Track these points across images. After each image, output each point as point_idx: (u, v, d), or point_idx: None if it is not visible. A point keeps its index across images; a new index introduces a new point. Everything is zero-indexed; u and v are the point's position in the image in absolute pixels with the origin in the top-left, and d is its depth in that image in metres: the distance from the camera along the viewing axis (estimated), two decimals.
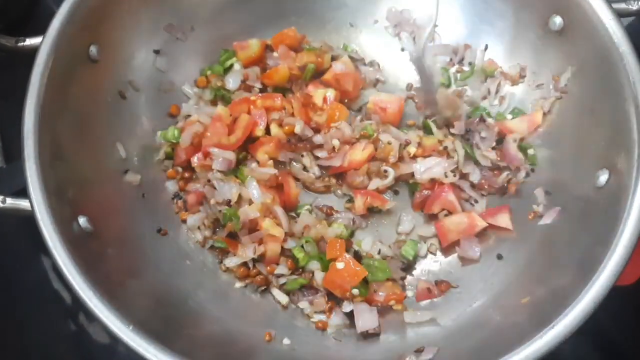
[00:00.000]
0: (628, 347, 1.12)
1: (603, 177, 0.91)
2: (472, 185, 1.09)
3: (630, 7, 0.99)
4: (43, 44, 0.94)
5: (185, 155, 1.10)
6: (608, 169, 0.91)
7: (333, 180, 1.12)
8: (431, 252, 1.08)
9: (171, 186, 1.12)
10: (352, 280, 0.97)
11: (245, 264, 1.05)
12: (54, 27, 0.95)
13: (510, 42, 1.14)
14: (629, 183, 0.85)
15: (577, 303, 0.79)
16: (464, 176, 1.09)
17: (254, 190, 1.04)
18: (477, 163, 1.09)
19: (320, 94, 1.14)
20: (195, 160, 1.08)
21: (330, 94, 1.14)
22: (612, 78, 0.92)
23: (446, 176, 1.07)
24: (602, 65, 0.94)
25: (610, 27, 0.92)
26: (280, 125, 1.11)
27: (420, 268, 1.07)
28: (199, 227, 1.08)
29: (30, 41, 1.00)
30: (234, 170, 1.09)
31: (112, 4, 1.04)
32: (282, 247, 1.03)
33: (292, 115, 1.13)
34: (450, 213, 1.07)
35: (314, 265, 1.02)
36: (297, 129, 1.10)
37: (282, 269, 1.03)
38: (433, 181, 1.08)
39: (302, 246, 1.03)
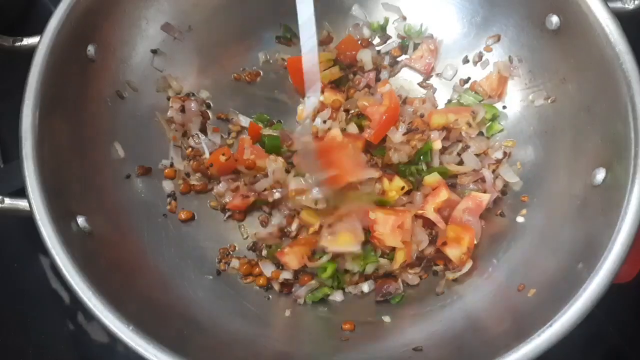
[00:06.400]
0: (626, 345, 1.13)
1: (600, 176, 0.91)
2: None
3: (627, 6, 0.99)
4: (40, 43, 0.94)
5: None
6: (605, 167, 0.91)
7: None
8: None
9: (167, 186, 1.12)
10: None
11: (249, 261, 1.07)
12: (52, 27, 0.95)
13: (506, 41, 1.14)
14: (626, 181, 0.85)
15: (575, 301, 0.80)
16: None
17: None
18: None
19: None
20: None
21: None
22: (608, 77, 0.92)
23: None
24: (599, 64, 0.94)
25: (606, 26, 0.92)
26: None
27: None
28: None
29: (27, 41, 1.00)
30: None
31: (110, 4, 1.04)
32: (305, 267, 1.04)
33: None
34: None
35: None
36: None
37: (286, 275, 1.04)
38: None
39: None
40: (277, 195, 1.08)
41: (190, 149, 1.15)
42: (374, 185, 1.07)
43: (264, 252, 1.08)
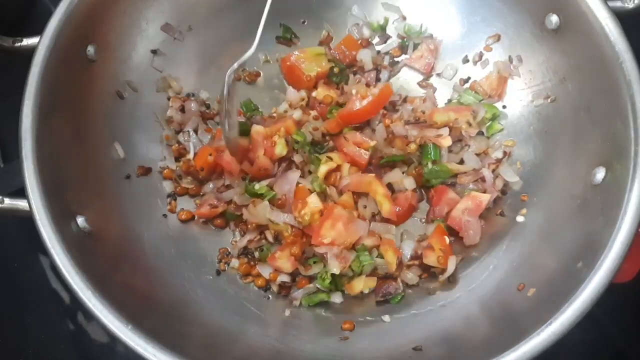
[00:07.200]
0: (625, 344, 1.13)
1: (600, 175, 0.91)
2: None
3: (626, 5, 0.99)
4: (40, 44, 0.94)
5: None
6: (604, 166, 0.91)
7: None
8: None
9: (167, 186, 1.12)
10: None
11: (248, 261, 1.07)
12: (51, 27, 0.95)
13: (506, 40, 1.14)
14: (626, 180, 0.86)
15: (574, 300, 0.80)
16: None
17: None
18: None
19: None
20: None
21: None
22: (608, 76, 0.92)
23: None
24: (599, 64, 0.94)
25: (606, 25, 0.93)
26: None
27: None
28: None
29: (27, 41, 1.00)
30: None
31: (110, 4, 1.04)
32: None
33: None
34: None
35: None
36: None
37: (284, 277, 1.04)
38: None
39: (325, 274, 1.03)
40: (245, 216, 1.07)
41: (176, 145, 1.14)
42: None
43: (257, 255, 1.08)
